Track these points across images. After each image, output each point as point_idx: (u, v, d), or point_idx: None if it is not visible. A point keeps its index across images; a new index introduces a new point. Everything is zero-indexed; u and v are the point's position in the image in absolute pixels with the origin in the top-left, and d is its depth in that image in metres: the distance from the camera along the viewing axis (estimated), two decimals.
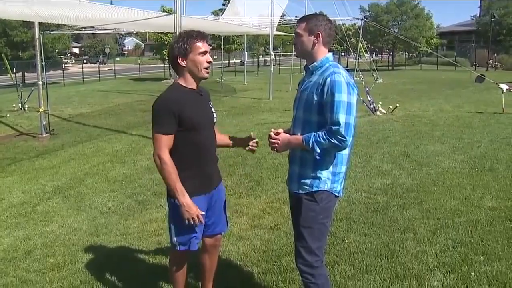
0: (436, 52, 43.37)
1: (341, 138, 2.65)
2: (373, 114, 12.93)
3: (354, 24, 27.88)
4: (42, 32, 17.16)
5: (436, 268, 3.92)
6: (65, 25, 17.37)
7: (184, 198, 2.87)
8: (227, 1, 36.97)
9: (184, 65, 2.95)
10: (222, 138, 3.32)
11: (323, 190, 2.84)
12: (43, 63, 17.02)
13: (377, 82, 21.87)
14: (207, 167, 3.07)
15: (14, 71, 27.41)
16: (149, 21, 12.70)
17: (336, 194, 2.90)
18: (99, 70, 39.29)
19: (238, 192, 6.37)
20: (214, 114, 3.15)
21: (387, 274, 3.86)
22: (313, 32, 2.84)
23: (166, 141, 2.87)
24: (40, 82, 12.23)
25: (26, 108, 17.08)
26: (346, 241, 4.56)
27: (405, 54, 56.28)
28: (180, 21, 9.72)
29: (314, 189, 2.83)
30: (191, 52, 2.91)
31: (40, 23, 15.55)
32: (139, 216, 5.70)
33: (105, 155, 9.46)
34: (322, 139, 2.68)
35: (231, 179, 6.97)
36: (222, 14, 28.35)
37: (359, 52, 18.09)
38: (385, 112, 13.13)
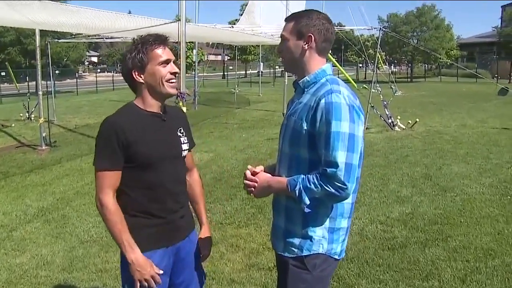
0: (456, 64, 42.27)
1: (340, 185, 1.87)
2: (391, 130, 12.13)
3: (373, 35, 27.10)
4: (49, 40, 16.83)
5: None
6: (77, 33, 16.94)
7: (134, 254, 2.16)
8: (243, 10, 36.47)
9: (142, 81, 2.25)
10: (193, 188, 2.59)
11: (317, 253, 2.07)
12: (56, 71, 16.61)
13: (395, 94, 21.04)
14: (168, 214, 2.31)
15: (27, 79, 27.36)
16: (155, 30, 12.09)
17: (336, 257, 2.13)
18: (113, 79, 38.98)
19: (237, 221, 5.64)
20: (184, 145, 2.39)
21: None
22: (303, 34, 2.05)
23: (109, 179, 2.17)
24: (40, 92, 11.68)
25: (32, 118, 16.65)
26: None
27: (424, 66, 55.21)
28: (184, 28, 9.10)
29: (305, 252, 2.07)
30: (148, 63, 2.21)
31: (52, 31, 15.11)
32: None
33: None
34: (313, 186, 1.91)
35: (231, 204, 6.26)
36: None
37: (377, 63, 17.29)
38: (404, 127, 12.31)
